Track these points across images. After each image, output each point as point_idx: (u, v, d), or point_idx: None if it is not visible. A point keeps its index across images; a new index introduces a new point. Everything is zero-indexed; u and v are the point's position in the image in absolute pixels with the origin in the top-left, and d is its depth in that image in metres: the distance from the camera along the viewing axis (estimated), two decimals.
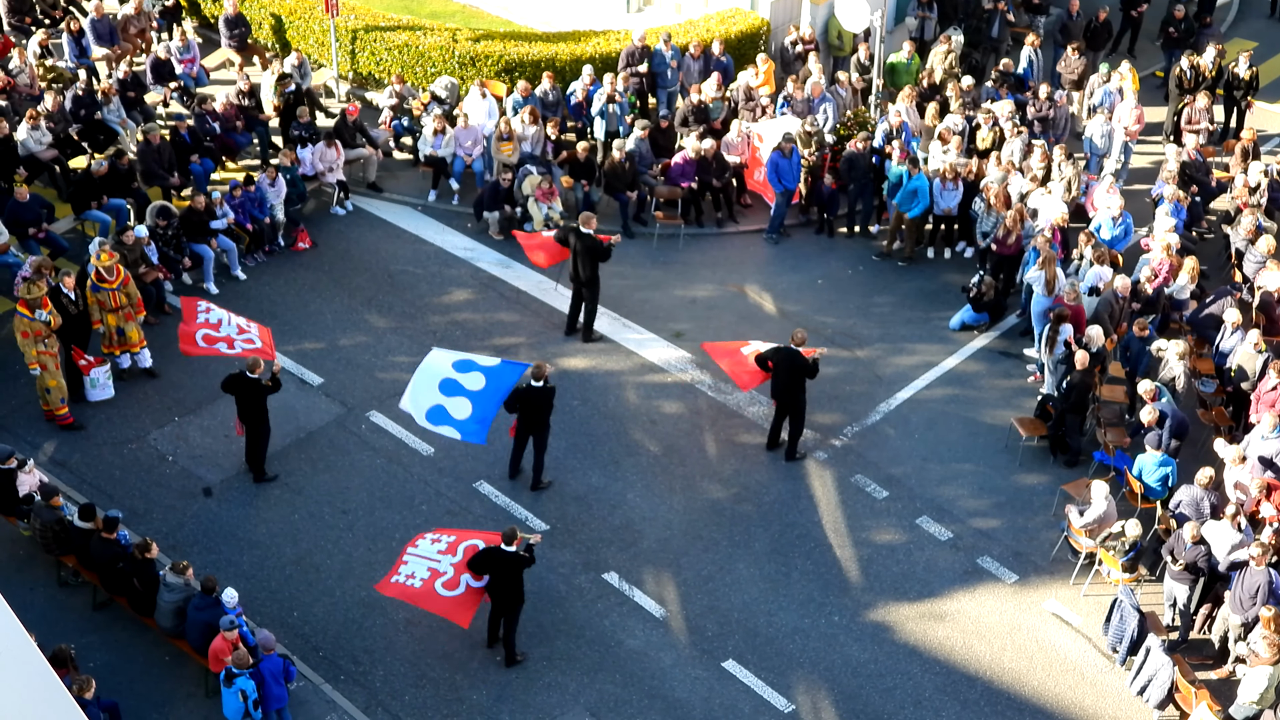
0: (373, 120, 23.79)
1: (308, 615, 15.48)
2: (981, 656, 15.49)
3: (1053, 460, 18.00)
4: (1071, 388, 17.43)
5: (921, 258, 21.79)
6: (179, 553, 15.95)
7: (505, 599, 14.74)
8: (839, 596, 16.10)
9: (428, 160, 22.80)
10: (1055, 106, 23.03)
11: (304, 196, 21.86)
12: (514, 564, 14.51)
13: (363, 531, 16.59)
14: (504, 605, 14.80)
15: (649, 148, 22.60)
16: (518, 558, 14.51)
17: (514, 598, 14.70)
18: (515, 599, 14.71)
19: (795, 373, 17.32)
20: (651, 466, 17.77)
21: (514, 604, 14.75)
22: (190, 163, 21.58)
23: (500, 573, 14.57)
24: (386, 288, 20.84)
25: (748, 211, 22.95)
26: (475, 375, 16.14)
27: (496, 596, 14.76)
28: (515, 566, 14.54)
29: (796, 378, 17.35)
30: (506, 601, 14.75)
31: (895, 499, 17.45)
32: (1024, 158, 21.71)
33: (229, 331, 17.15)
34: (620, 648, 15.32)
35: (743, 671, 15.20)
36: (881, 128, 22.49)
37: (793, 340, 17.45)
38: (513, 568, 14.53)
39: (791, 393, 17.42)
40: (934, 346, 20.06)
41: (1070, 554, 16.49)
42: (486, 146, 22.59)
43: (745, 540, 16.77)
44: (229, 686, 13.59)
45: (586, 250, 19.25)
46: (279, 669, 13.81)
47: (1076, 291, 18.63)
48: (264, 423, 16.85)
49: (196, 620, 14.34)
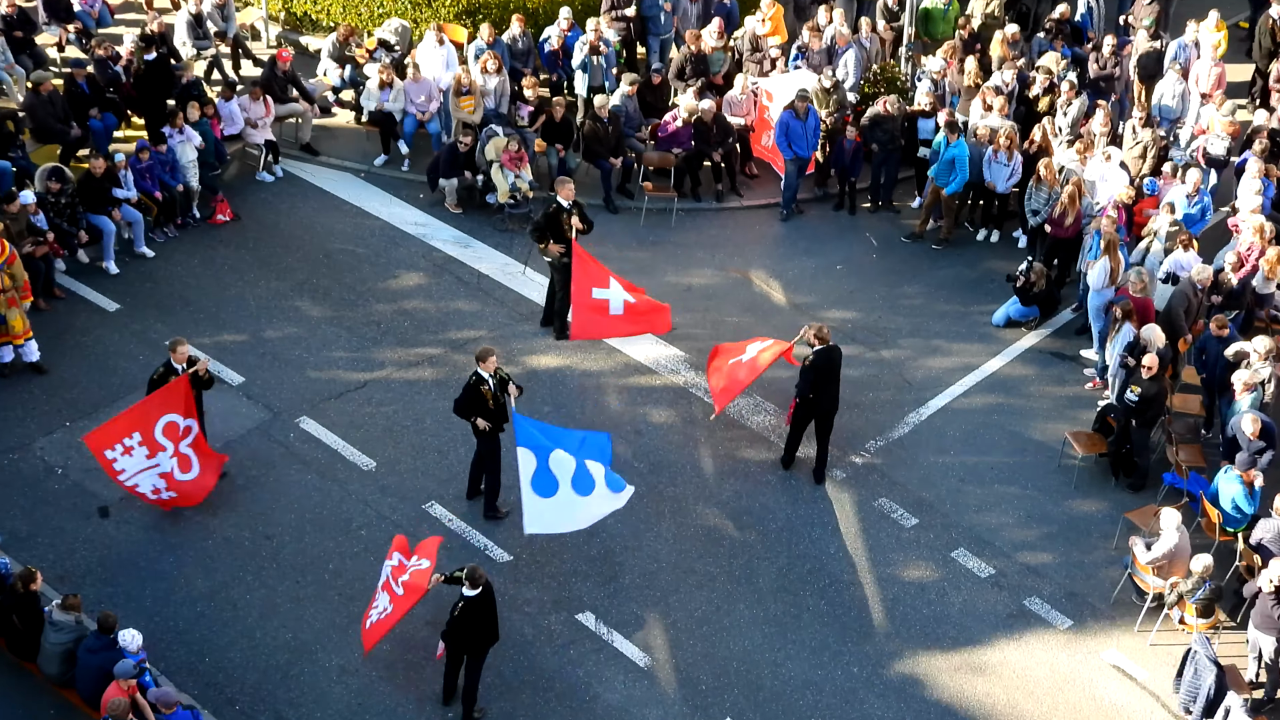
0: (308, 70, 23.74)
1: (222, 661, 15.35)
2: (1028, 716, 15.40)
3: (1115, 483, 18.04)
4: (1139, 398, 17.38)
5: (963, 240, 21.77)
6: (69, 585, 15.79)
7: (469, 644, 14.65)
8: (859, 644, 16.02)
9: (373, 118, 22.84)
10: (1121, 61, 23.01)
11: (224, 159, 21.83)
12: (479, 606, 14.41)
13: (290, 561, 16.49)
14: (466, 650, 14.70)
15: (637, 106, 22.64)
16: (483, 600, 14.39)
17: (482, 638, 14.60)
18: (484, 638, 14.61)
19: (836, 375, 17.35)
20: (636, 486, 17.31)
21: (481, 645, 14.64)
22: (89, 118, 21.52)
23: (464, 618, 14.44)
24: (322, 269, 20.75)
25: (753, 183, 23.05)
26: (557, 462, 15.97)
27: (456, 644, 14.65)
28: (481, 608, 14.44)
29: (830, 383, 17.36)
30: (471, 646, 14.67)
31: (926, 528, 17.43)
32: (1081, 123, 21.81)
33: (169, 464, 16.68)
34: (596, 702, 15.20)
35: None
36: (923, 85, 22.51)
37: (818, 339, 17.35)
38: (478, 610, 14.46)
39: (835, 400, 17.47)
40: (974, 346, 20.10)
41: (1135, 595, 16.48)
42: (444, 102, 22.60)
43: (747, 575, 16.72)
44: None
45: (549, 217, 19.16)
46: None
47: (1144, 281, 18.65)
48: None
49: (89, 665, 14.19)
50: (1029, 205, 20.84)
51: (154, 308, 19.74)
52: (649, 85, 22.96)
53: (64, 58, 23.48)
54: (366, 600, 15.74)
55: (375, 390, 18.79)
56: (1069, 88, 22.16)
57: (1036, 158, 21.08)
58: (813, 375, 17.27)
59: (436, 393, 18.51)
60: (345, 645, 15.43)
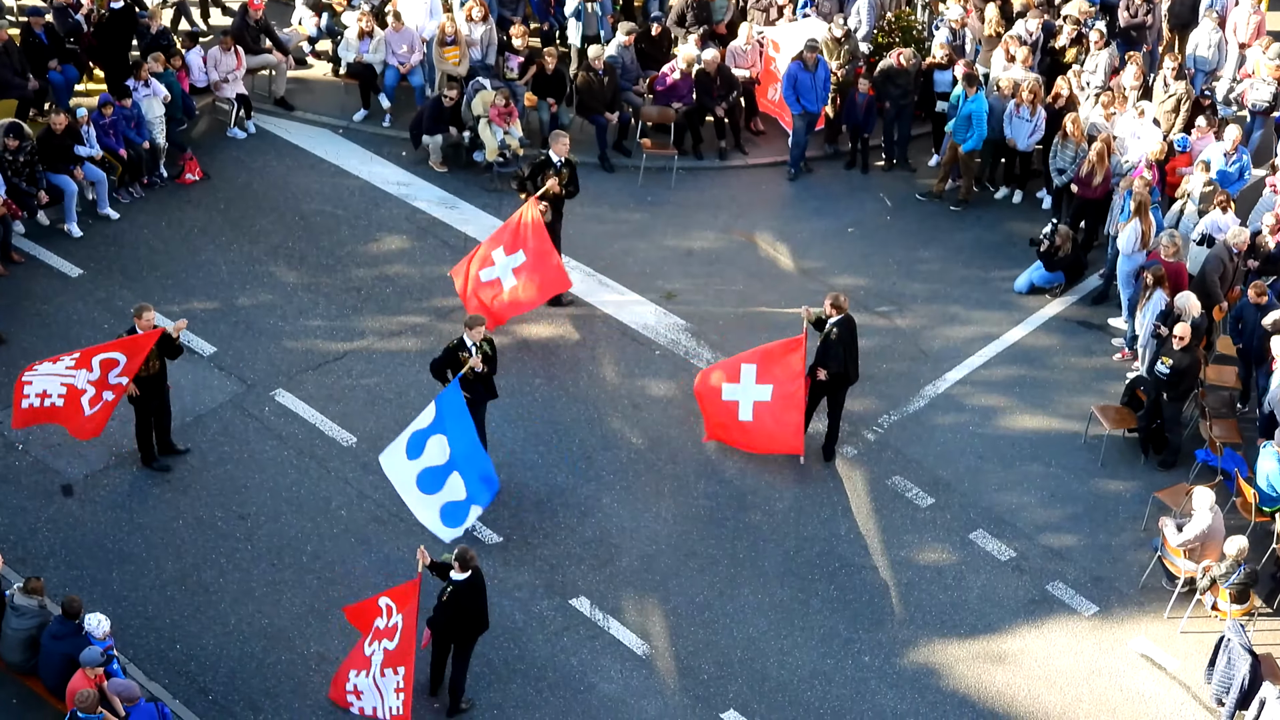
0: (282, 19, 23.75)
1: (194, 649, 15.31)
2: (1051, 708, 15.35)
3: (1144, 461, 18.01)
4: (1171, 370, 17.28)
5: (983, 201, 21.77)
6: (30, 567, 15.73)
7: (456, 632, 14.58)
8: (870, 631, 15.99)
9: (352, 70, 22.85)
10: (1153, 9, 23.06)
11: (192, 114, 21.83)
12: (468, 591, 14.35)
13: (265, 543, 16.47)
14: (454, 638, 14.67)
15: (634, 58, 22.65)
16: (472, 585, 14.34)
17: (471, 625, 14.56)
18: (473, 626, 14.57)
19: (853, 346, 17.24)
20: (633, 464, 17.65)
21: (470, 633, 14.61)
22: (48, 70, 21.42)
23: (452, 604, 14.36)
24: (298, 232, 20.69)
25: (759, 139, 23.04)
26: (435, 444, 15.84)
27: (443, 631, 14.60)
28: (470, 593, 14.39)
29: (853, 353, 17.27)
30: (459, 634, 14.61)
31: (943, 508, 17.37)
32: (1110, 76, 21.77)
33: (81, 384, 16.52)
34: (592, 693, 15.17)
35: None
36: (941, 34, 22.50)
37: (834, 308, 17.23)
38: (466, 595, 14.34)
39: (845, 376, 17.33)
40: (995, 314, 20.07)
41: (1165, 580, 16.39)
42: (427, 53, 22.56)
43: (752, 558, 16.66)
44: None
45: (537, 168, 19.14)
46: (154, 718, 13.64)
47: (1177, 246, 18.63)
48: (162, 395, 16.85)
49: (53, 652, 14.15)
50: (1054, 163, 20.82)
51: (119, 273, 19.74)
52: (647, 35, 23.00)
53: (20, 5, 23.62)
54: (346, 584, 15.88)
55: (355, 361, 18.74)
56: (1097, 37, 22.15)
57: (1061, 113, 21.06)
58: (840, 349, 17.22)
59: (420, 364, 18.44)
60: (324, 632, 15.43)
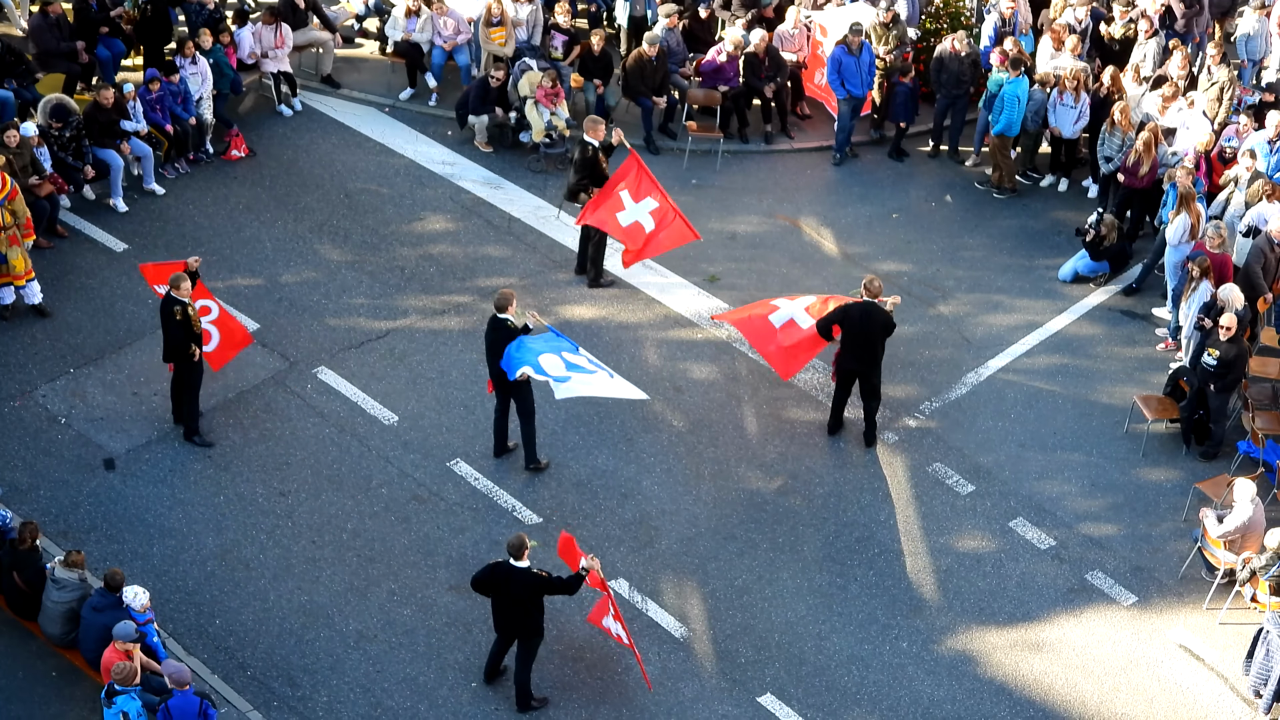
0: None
1: (233, 624, 15.42)
2: (1088, 698, 15.37)
3: (1186, 451, 17.94)
4: (1217, 362, 17.25)
5: (1028, 189, 21.70)
6: (72, 541, 15.87)
7: (515, 627, 14.60)
8: (909, 618, 16.04)
9: (399, 49, 22.74)
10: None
11: (239, 90, 21.78)
12: (526, 584, 14.37)
13: (305, 520, 16.53)
14: (513, 634, 14.68)
15: (680, 39, 22.51)
16: (530, 577, 14.41)
17: (528, 628, 14.56)
18: (530, 629, 14.58)
19: (873, 333, 17.24)
20: (674, 446, 17.71)
21: (528, 635, 14.61)
22: (98, 42, 21.52)
23: (508, 594, 14.40)
24: (343, 210, 20.75)
25: (805, 124, 22.95)
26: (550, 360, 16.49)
27: (503, 623, 14.63)
28: (529, 588, 14.37)
29: (875, 340, 17.28)
30: (518, 631, 14.61)
31: (983, 495, 17.39)
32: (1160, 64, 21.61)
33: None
34: (629, 675, 15.22)
35: (783, 709, 15.09)
36: (991, 19, 22.26)
37: (866, 291, 17.29)
38: (525, 589, 14.36)
39: (867, 360, 17.36)
40: (1038, 303, 20.03)
41: (1205, 571, 16.38)
42: (474, 33, 22.47)
43: (791, 543, 16.72)
44: (109, 707, 13.37)
45: (585, 164, 19.23)
46: (194, 712, 13.47)
47: (1222, 236, 18.46)
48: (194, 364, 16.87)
49: (93, 624, 14.24)
50: (1101, 152, 20.66)
51: (164, 248, 19.58)
52: (695, 17, 22.83)
53: None
54: (385, 562, 16.05)
55: (398, 340, 18.78)
56: (1147, 26, 21.91)
57: (1107, 101, 20.82)
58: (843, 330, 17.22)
59: (463, 343, 18.52)
60: (363, 609, 15.57)
